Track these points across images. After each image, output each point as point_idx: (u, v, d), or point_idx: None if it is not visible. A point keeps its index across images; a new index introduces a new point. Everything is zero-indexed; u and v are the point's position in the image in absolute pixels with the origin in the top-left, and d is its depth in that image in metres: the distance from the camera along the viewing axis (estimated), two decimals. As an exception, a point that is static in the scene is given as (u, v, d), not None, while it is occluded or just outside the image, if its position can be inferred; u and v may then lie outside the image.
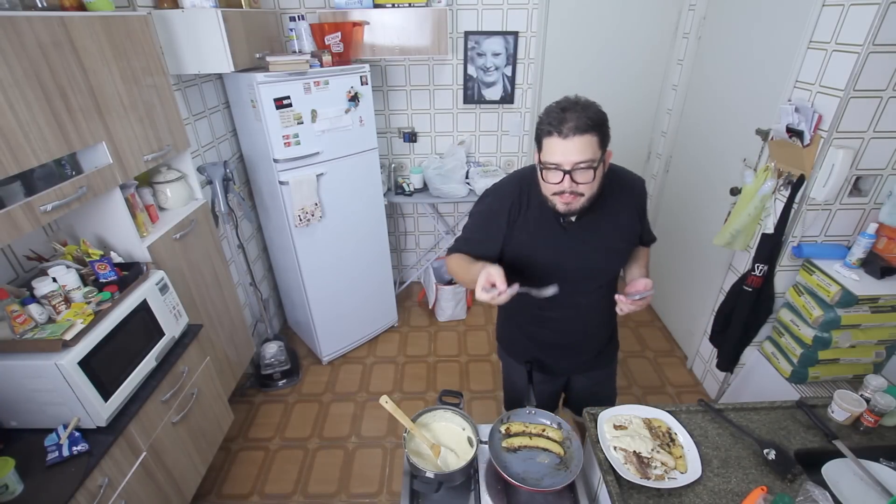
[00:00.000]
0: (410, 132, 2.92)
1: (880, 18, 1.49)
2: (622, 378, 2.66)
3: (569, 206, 1.10)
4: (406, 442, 1.24)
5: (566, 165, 1.03)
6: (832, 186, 1.71)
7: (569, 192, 1.07)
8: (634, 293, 1.16)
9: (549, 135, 1.04)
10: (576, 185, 1.06)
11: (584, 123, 1.01)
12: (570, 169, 1.03)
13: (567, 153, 1.02)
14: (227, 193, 2.17)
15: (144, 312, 1.53)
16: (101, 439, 1.33)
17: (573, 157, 1.02)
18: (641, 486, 1.11)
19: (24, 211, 1.16)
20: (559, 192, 1.08)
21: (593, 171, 1.04)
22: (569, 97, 1.06)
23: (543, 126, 1.05)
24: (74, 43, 1.30)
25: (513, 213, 1.22)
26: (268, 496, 2.05)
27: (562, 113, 1.02)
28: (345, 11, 2.36)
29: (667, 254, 3.05)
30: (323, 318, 2.63)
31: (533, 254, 1.23)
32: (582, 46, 2.78)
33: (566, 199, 1.08)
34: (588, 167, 1.03)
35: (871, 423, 1.27)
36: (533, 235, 1.22)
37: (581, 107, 1.02)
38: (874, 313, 1.78)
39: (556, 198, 1.10)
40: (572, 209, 1.11)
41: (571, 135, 1.01)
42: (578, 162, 1.02)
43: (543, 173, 1.09)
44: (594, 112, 1.03)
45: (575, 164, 1.03)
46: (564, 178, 1.05)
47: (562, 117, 1.01)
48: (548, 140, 1.05)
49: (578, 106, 1.02)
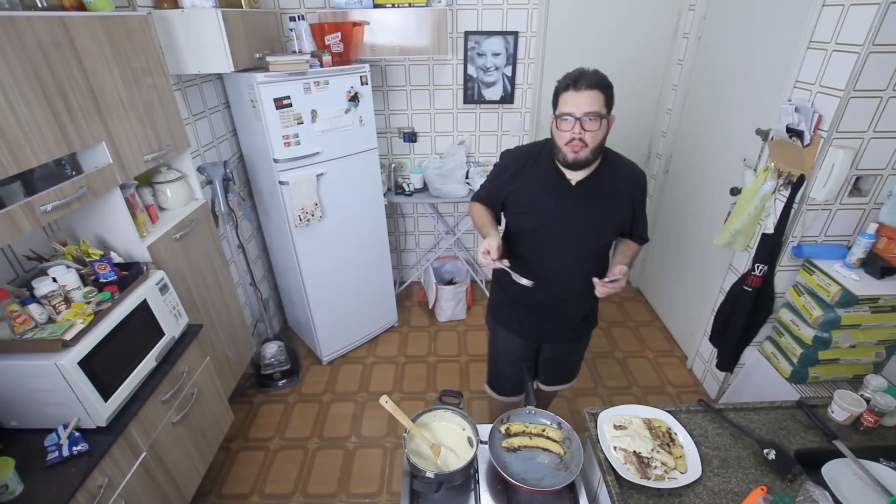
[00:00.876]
0: (410, 132, 2.92)
1: (880, 18, 1.49)
2: (622, 378, 2.66)
3: (577, 154, 1.29)
4: (406, 442, 1.24)
5: (578, 113, 1.24)
6: (832, 186, 1.71)
7: (578, 138, 1.26)
8: (609, 276, 1.32)
9: (565, 90, 1.26)
10: (584, 132, 1.25)
11: (594, 81, 1.24)
12: (581, 116, 1.23)
13: (579, 103, 1.23)
14: (227, 193, 2.17)
15: (144, 312, 1.53)
16: (101, 439, 1.33)
17: (585, 107, 1.23)
18: (641, 486, 1.11)
19: (24, 211, 1.16)
20: (570, 141, 1.27)
21: (599, 122, 1.25)
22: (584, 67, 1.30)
23: (561, 84, 1.28)
24: (74, 43, 1.30)
25: (521, 168, 1.43)
26: (268, 496, 2.05)
27: (578, 73, 1.26)
28: (345, 11, 2.36)
29: (667, 254, 3.06)
30: (323, 318, 2.63)
31: (533, 205, 1.41)
32: (582, 46, 2.78)
33: (575, 146, 1.27)
34: (596, 118, 1.24)
35: (871, 423, 1.27)
36: (535, 189, 1.41)
37: (592, 71, 1.27)
38: (874, 313, 1.78)
39: (567, 147, 1.29)
40: (579, 157, 1.29)
41: (584, 88, 1.23)
42: (588, 112, 1.23)
43: (558, 123, 1.29)
44: (603, 76, 1.28)
45: (585, 113, 1.23)
46: (576, 125, 1.24)
47: (577, 76, 1.25)
48: (564, 95, 1.26)
49: (590, 71, 1.27)
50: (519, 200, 1.43)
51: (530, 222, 1.43)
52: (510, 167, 1.46)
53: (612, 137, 1.38)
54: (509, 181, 1.44)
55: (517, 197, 1.43)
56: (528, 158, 1.43)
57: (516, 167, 1.44)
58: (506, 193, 1.45)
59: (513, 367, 1.76)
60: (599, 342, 2.94)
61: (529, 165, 1.42)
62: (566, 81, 1.26)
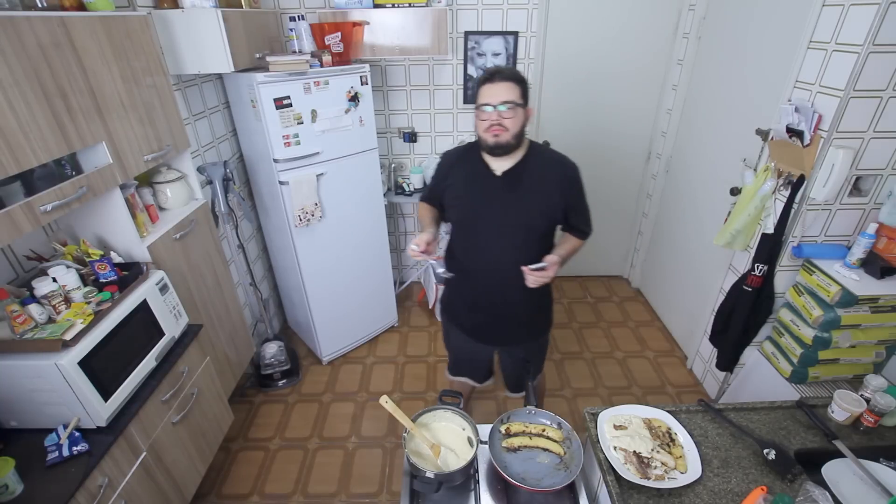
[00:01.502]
0: (410, 132, 2.92)
1: (880, 18, 1.49)
2: (622, 378, 2.66)
3: (497, 138, 1.37)
4: (406, 442, 1.24)
5: (495, 102, 1.33)
6: (832, 186, 1.71)
7: (496, 123, 1.34)
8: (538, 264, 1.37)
9: (482, 84, 1.36)
10: (502, 118, 1.34)
11: (508, 75, 1.35)
12: (497, 104, 1.33)
13: (495, 93, 1.34)
14: (227, 193, 2.17)
15: (144, 312, 1.53)
16: (101, 439, 1.33)
17: (500, 96, 1.33)
18: (641, 486, 1.11)
19: (24, 211, 1.16)
20: (489, 127, 1.36)
21: (515, 109, 1.35)
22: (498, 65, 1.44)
23: (480, 78, 1.38)
24: (74, 43, 1.30)
25: (453, 164, 1.55)
26: (268, 496, 2.05)
27: (493, 68, 1.38)
28: (345, 11, 2.36)
29: (667, 254, 3.06)
30: (323, 318, 2.63)
31: (461, 197, 1.51)
32: (582, 46, 2.78)
33: (495, 130, 1.36)
34: (512, 106, 1.34)
35: (871, 423, 1.27)
36: (463, 181, 1.51)
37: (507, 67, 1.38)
38: (874, 313, 1.78)
39: (487, 134, 1.38)
40: (500, 140, 1.37)
41: (499, 80, 1.34)
42: (504, 100, 1.33)
43: (478, 113, 1.38)
44: (517, 71, 1.38)
45: (502, 101, 1.33)
46: (494, 111, 1.34)
47: (493, 71, 1.36)
48: (482, 88, 1.37)
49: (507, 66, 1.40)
50: (451, 194, 1.53)
51: (460, 213, 1.53)
52: (445, 165, 1.58)
53: (613, 137, 1.39)
54: (444, 178, 1.56)
55: (449, 191, 1.54)
56: (460, 156, 1.55)
57: (450, 164, 1.56)
58: (441, 190, 1.56)
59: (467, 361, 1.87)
60: (599, 342, 2.94)
61: (461, 162, 1.53)
62: (483, 76, 1.37)
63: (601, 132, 3.02)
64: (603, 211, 3.32)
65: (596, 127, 3.00)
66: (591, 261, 3.56)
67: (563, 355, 2.84)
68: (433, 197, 1.63)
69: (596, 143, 3.04)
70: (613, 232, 3.44)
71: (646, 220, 3.28)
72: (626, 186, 3.25)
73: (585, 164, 3.14)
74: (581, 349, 2.89)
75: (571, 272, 3.61)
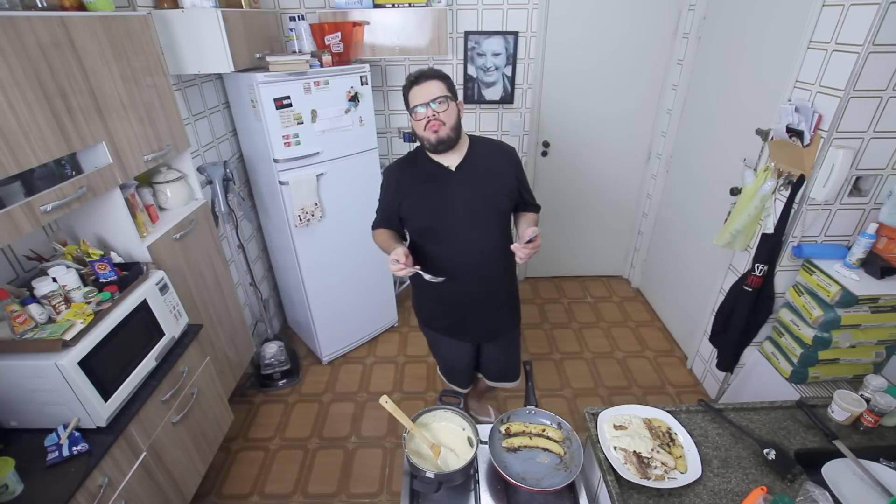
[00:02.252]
0: (410, 132, 2.90)
1: (880, 18, 1.49)
2: (622, 378, 2.66)
3: (437, 133, 1.40)
4: (406, 442, 1.24)
5: (426, 100, 1.38)
6: (832, 186, 1.71)
7: (433, 118, 1.38)
8: (525, 238, 1.39)
9: (411, 87, 1.40)
10: (436, 113, 1.38)
11: (432, 73, 1.39)
12: (429, 101, 1.37)
13: (425, 93, 1.38)
14: (227, 193, 2.17)
15: (144, 312, 1.53)
16: (101, 439, 1.33)
17: (430, 94, 1.38)
18: (641, 486, 1.11)
19: (24, 211, 1.16)
20: (427, 124, 1.39)
21: (447, 103, 1.39)
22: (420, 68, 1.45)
23: (406, 85, 1.42)
24: (74, 43, 1.30)
25: (400, 176, 1.55)
26: (268, 496, 2.05)
27: (417, 72, 1.41)
28: (345, 11, 2.36)
29: (667, 254, 3.06)
30: (323, 318, 2.63)
31: (423, 201, 1.51)
32: (582, 46, 2.78)
33: (433, 125, 1.39)
34: (444, 100, 1.38)
35: (871, 423, 1.27)
36: (420, 186, 1.51)
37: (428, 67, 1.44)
38: (874, 313, 1.78)
39: (427, 132, 1.41)
40: (441, 135, 1.41)
41: (425, 80, 1.38)
42: (435, 97, 1.38)
43: (414, 115, 1.42)
44: (439, 69, 1.43)
45: (432, 98, 1.37)
46: (427, 110, 1.38)
47: (417, 74, 1.40)
48: (410, 92, 1.40)
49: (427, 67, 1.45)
50: (411, 203, 1.52)
51: (426, 217, 1.52)
52: (392, 180, 1.57)
53: (613, 136, 1.39)
54: (395, 192, 1.54)
55: (408, 201, 1.52)
56: (405, 165, 1.56)
57: (397, 176, 1.56)
58: (397, 205, 1.54)
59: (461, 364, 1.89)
60: (599, 342, 2.94)
61: (408, 170, 1.54)
62: (408, 81, 1.41)
63: (601, 132, 3.02)
64: (603, 211, 3.33)
65: (596, 127, 3.00)
66: (591, 261, 3.56)
67: (563, 355, 2.84)
68: (388, 217, 1.59)
69: (596, 142, 3.04)
70: (613, 232, 3.44)
71: (646, 220, 3.28)
72: (626, 186, 3.25)
73: (585, 165, 3.17)
74: (581, 349, 2.89)
75: (571, 272, 3.61)
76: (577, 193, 3.24)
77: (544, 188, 3.18)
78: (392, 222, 1.59)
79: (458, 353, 1.84)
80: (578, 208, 3.31)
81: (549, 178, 3.16)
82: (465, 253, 1.54)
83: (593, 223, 3.39)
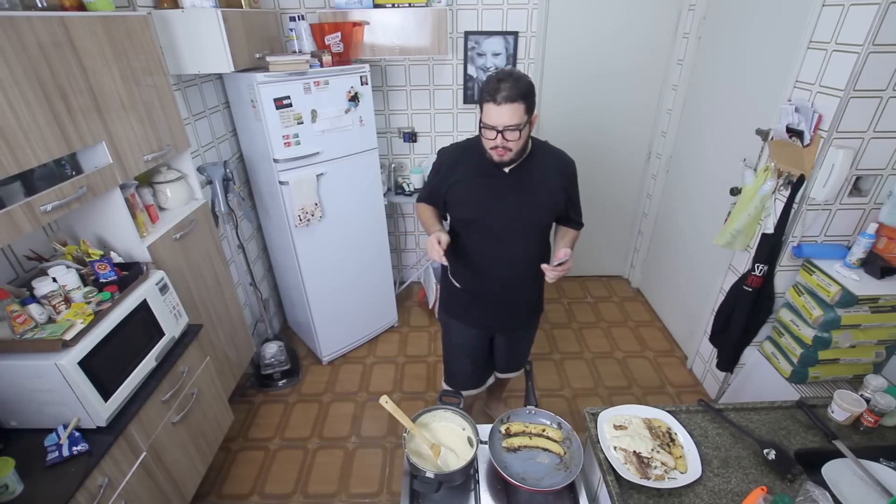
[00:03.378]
0: (410, 132, 2.92)
1: (880, 18, 1.49)
2: (622, 378, 2.66)
3: (501, 157, 1.38)
4: (406, 442, 1.24)
5: (499, 126, 1.30)
6: (832, 186, 1.71)
7: (501, 146, 1.34)
8: (555, 261, 1.39)
9: (487, 101, 1.30)
10: (506, 141, 1.32)
11: (514, 93, 1.26)
12: (502, 129, 1.30)
13: (500, 117, 1.29)
14: (227, 193, 2.17)
15: (144, 312, 1.53)
16: (101, 439, 1.33)
17: (504, 120, 1.29)
18: (641, 486, 1.11)
19: (24, 211, 1.16)
20: (493, 148, 1.36)
21: (519, 133, 1.32)
22: (505, 69, 1.34)
23: (483, 94, 1.31)
24: (74, 43, 1.30)
25: (456, 162, 1.52)
26: (268, 496, 2.05)
27: (497, 83, 1.27)
28: (345, 11, 2.36)
29: (667, 254, 3.06)
30: (323, 318, 2.63)
31: (470, 194, 1.49)
32: (582, 46, 2.78)
33: (499, 152, 1.36)
34: (515, 129, 1.31)
35: (871, 423, 1.27)
36: (471, 178, 1.49)
37: (514, 78, 1.27)
38: (874, 313, 1.78)
39: (492, 151, 1.38)
40: (504, 160, 1.39)
41: (504, 102, 1.27)
42: (508, 125, 1.29)
43: (483, 131, 1.36)
44: (524, 84, 1.29)
45: (505, 126, 1.30)
46: (497, 136, 1.32)
47: (497, 87, 1.26)
48: (486, 105, 1.31)
49: (511, 77, 1.28)
50: (457, 191, 1.50)
51: (470, 211, 1.51)
52: (445, 163, 1.54)
53: (613, 136, 1.39)
54: (446, 176, 1.52)
55: (455, 189, 1.51)
56: (462, 152, 1.52)
57: (451, 162, 1.52)
58: (445, 188, 1.52)
59: (469, 360, 1.86)
60: (599, 342, 2.94)
61: (464, 159, 1.50)
62: (488, 91, 1.29)
63: (601, 132, 3.02)
64: (603, 210, 3.32)
65: (596, 127, 3.00)
66: (591, 261, 3.56)
67: (563, 355, 2.84)
68: (435, 195, 1.59)
69: (596, 142, 3.04)
70: (613, 232, 3.44)
71: (646, 219, 3.28)
72: (626, 186, 3.25)
73: (586, 164, 3.15)
74: (581, 349, 2.89)
75: (571, 272, 3.59)
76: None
77: (544, 188, 3.18)
78: (437, 202, 1.59)
79: (472, 342, 1.81)
80: (578, 208, 3.30)
81: (549, 178, 3.16)
82: (499, 255, 1.54)
83: (593, 223, 3.37)
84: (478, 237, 1.54)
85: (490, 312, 1.70)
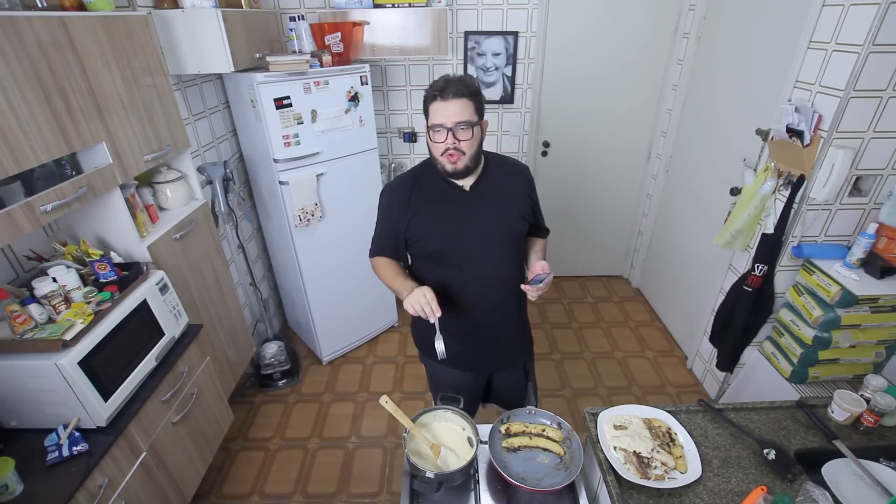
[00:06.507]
0: (410, 132, 2.92)
1: (880, 18, 1.49)
2: (622, 378, 2.66)
3: (455, 163, 1.25)
4: (406, 442, 1.24)
5: (449, 124, 1.21)
6: (832, 186, 1.71)
7: (453, 148, 1.23)
8: (535, 279, 1.30)
9: (433, 100, 1.22)
10: (458, 141, 1.22)
11: (462, 89, 1.20)
12: (452, 126, 1.21)
13: (448, 114, 1.20)
14: (227, 193, 2.17)
15: (144, 312, 1.53)
16: (101, 439, 1.33)
17: (454, 116, 1.20)
18: (641, 486, 1.11)
19: (24, 211, 1.16)
20: (445, 151, 1.24)
21: (471, 130, 1.22)
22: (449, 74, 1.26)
23: (428, 94, 1.24)
24: (74, 43, 1.30)
25: (409, 196, 1.36)
26: (268, 496, 2.05)
27: (444, 83, 1.21)
28: (345, 11, 2.36)
29: (667, 254, 3.06)
30: (323, 318, 2.63)
31: (436, 223, 1.35)
32: (582, 46, 2.78)
33: (452, 157, 1.24)
34: (467, 126, 1.21)
35: (871, 423, 1.27)
36: (432, 206, 1.34)
37: (458, 78, 1.22)
38: (874, 313, 1.78)
39: (444, 158, 1.25)
40: (458, 167, 1.26)
41: (451, 98, 1.19)
42: (459, 122, 1.20)
43: (431, 134, 1.25)
44: (472, 83, 1.24)
45: (456, 122, 1.20)
46: (448, 136, 1.22)
47: (443, 86, 1.21)
48: (433, 105, 1.23)
49: (457, 78, 1.23)
50: (418, 224, 1.34)
51: (437, 242, 1.35)
52: (397, 200, 1.38)
53: (613, 136, 1.37)
54: (402, 213, 1.35)
55: (415, 221, 1.34)
56: (412, 182, 1.37)
57: (403, 196, 1.37)
58: (404, 227, 1.35)
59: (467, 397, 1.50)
60: (599, 342, 2.94)
61: (417, 188, 1.36)
62: (432, 91, 1.22)
63: (601, 132, 3.02)
64: (603, 211, 3.33)
65: (596, 127, 3.00)
66: (591, 261, 3.56)
67: (563, 355, 2.84)
68: (393, 241, 1.39)
69: (596, 142, 3.04)
70: (613, 232, 3.44)
71: (646, 219, 3.28)
72: (626, 186, 3.25)
73: (585, 164, 3.17)
74: (581, 349, 2.89)
75: (571, 272, 3.61)
76: (577, 193, 3.24)
77: (544, 188, 3.14)
78: (395, 248, 1.40)
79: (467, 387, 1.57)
80: (578, 208, 3.30)
81: (549, 178, 3.16)
82: (479, 280, 1.37)
83: (593, 223, 3.39)
84: (450, 268, 1.36)
85: (479, 346, 1.49)
